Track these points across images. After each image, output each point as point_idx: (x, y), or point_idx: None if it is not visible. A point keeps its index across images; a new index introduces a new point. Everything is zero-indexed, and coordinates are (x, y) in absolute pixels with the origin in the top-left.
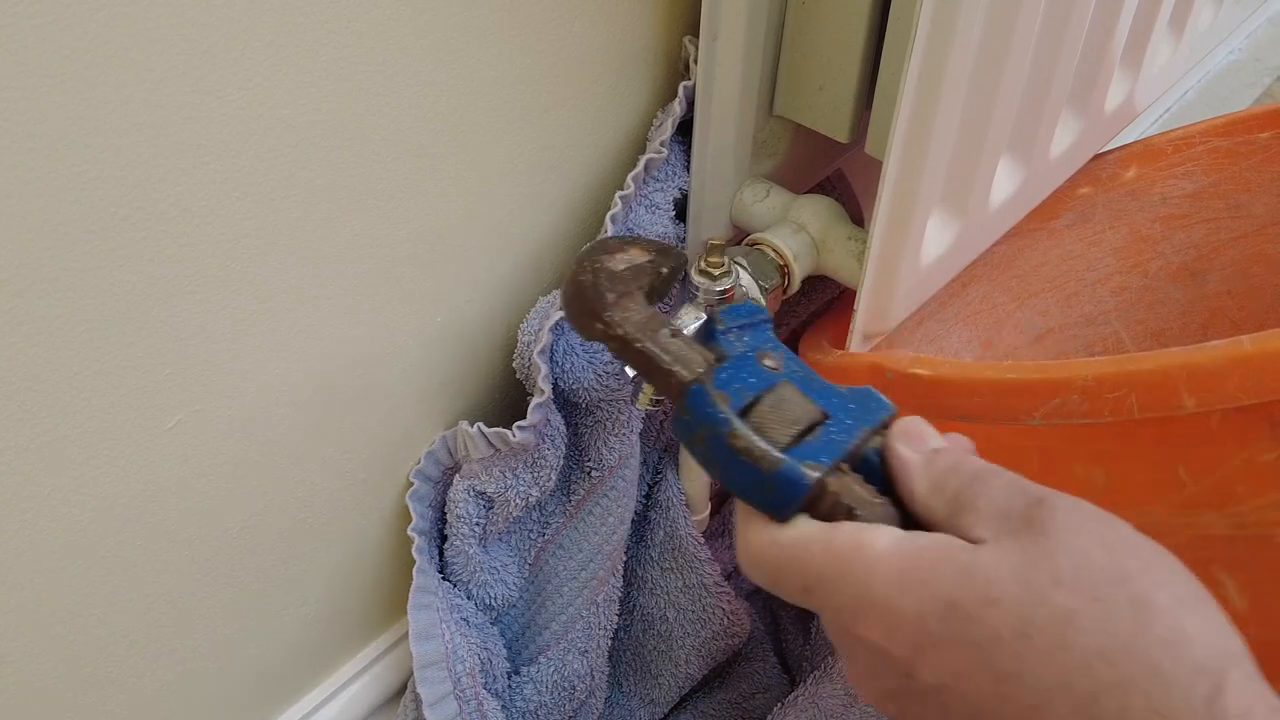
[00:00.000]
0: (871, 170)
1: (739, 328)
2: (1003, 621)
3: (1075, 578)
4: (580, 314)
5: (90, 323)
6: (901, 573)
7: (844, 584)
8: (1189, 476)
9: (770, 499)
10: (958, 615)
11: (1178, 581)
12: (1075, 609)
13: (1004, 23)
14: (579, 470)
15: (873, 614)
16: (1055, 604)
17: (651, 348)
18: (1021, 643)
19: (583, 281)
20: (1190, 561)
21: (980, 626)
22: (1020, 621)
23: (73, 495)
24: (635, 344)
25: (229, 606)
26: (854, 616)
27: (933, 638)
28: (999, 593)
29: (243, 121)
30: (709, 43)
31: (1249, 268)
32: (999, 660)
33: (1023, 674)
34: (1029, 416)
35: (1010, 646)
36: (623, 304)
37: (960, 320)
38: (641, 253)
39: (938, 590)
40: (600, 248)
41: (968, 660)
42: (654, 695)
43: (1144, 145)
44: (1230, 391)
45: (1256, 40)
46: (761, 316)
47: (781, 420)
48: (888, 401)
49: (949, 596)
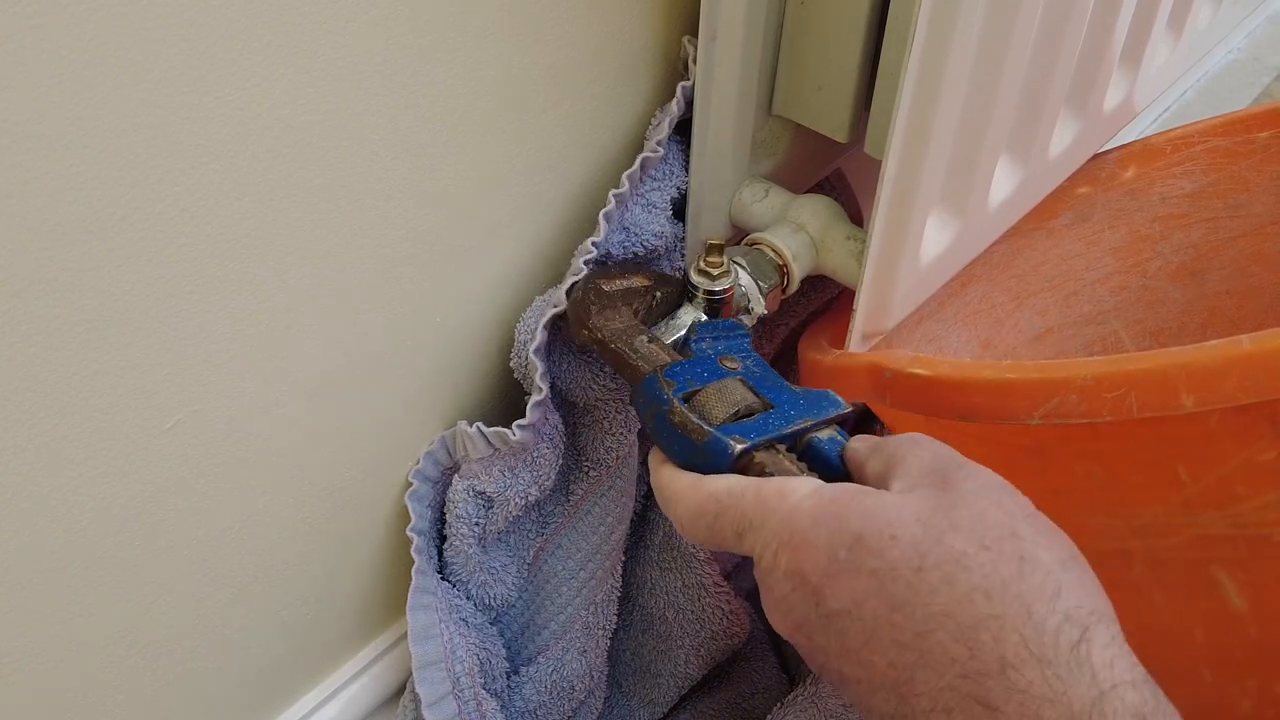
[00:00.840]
0: (870, 170)
1: (713, 338)
2: (900, 555)
3: (970, 527)
4: (573, 323)
5: (89, 323)
6: (818, 509)
7: (770, 522)
8: (1188, 476)
9: (702, 466)
10: (862, 547)
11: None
12: (965, 551)
13: (1003, 22)
14: (578, 470)
15: (791, 544)
16: (948, 545)
17: (623, 348)
18: (915, 575)
19: (576, 298)
20: (1190, 561)
21: (880, 558)
22: (916, 556)
23: (71, 495)
24: (610, 345)
25: (228, 606)
26: (777, 550)
27: (839, 565)
28: (900, 531)
29: (241, 122)
30: (708, 42)
31: (1248, 267)
32: (894, 589)
33: (913, 602)
34: (1028, 416)
35: (904, 577)
36: (605, 314)
37: (959, 320)
38: (641, 280)
39: (847, 525)
40: (600, 274)
41: (867, 588)
42: (653, 695)
43: (1142, 145)
44: (1229, 391)
45: (1255, 39)
46: (739, 331)
47: (720, 404)
48: (843, 402)
49: (857, 530)
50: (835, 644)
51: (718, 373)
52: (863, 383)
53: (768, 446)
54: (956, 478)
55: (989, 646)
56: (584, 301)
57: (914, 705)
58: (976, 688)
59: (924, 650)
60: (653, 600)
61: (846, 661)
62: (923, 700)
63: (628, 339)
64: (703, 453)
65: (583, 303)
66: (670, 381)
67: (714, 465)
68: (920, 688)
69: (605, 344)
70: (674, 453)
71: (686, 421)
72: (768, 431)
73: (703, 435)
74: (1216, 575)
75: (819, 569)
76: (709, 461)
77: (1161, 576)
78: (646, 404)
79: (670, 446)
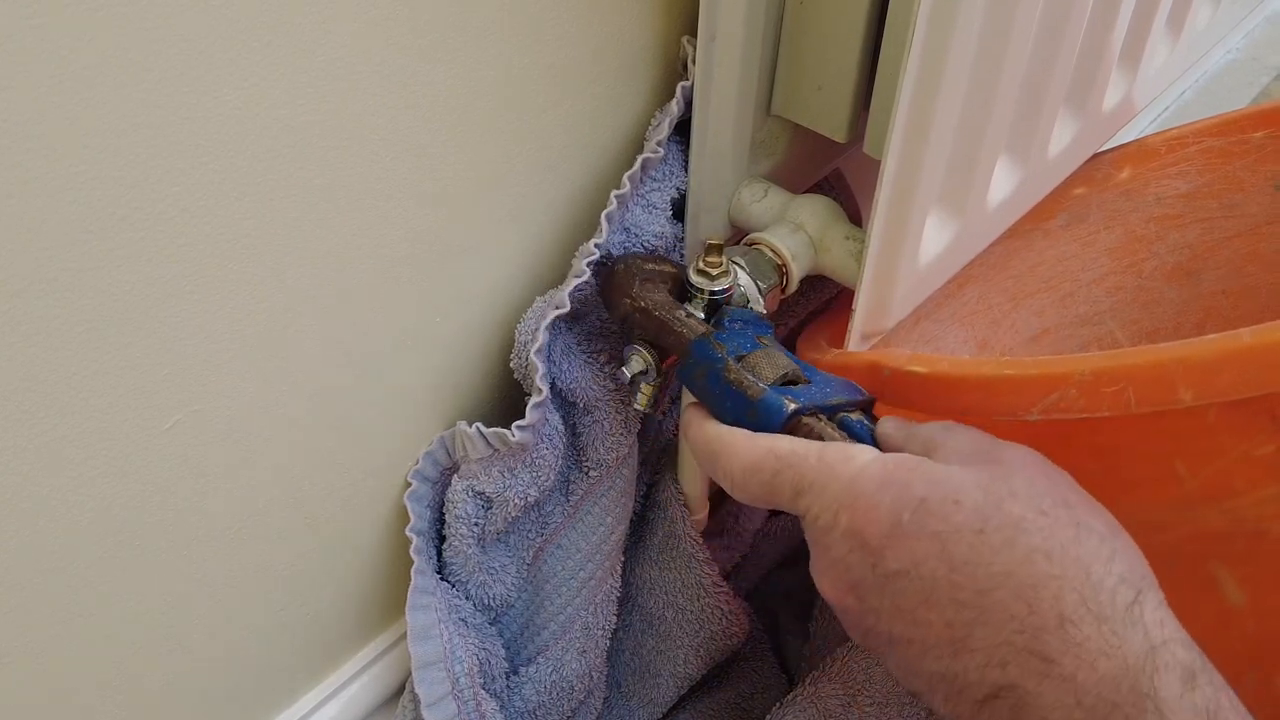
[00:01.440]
0: (869, 170)
1: (743, 321)
2: (964, 519)
3: (1027, 495)
4: (612, 292)
5: (89, 323)
6: (884, 475)
7: (833, 484)
8: (1186, 470)
9: (756, 422)
10: (926, 510)
11: (1107, 518)
12: (1025, 516)
13: (1002, 21)
14: (577, 470)
15: (856, 506)
16: (1008, 510)
17: (667, 316)
18: (977, 537)
19: (618, 269)
20: (1188, 556)
21: (943, 521)
22: (978, 519)
23: (71, 495)
24: (654, 313)
25: (227, 607)
26: (838, 510)
27: (902, 528)
28: (963, 496)
29: (240, 122)
30: (707, 42)
31: (1243, 267)
32: (956, 550)
33: (975, 563)
34: (1026, 412)
35: (967, 539)
36: (646, 286)
37: (957, 320)
38: (670, 267)
39: (912, 490)
40: (636, 255)
41: (929, 549)
42: (653, 695)
43: (1138, 145)
44: (1227, 385)
45: (1254, 39)
46: (765, 323)
47: (770, 367)
48: (865, 391)
49: (921, 494)
50: (889, 604)
51: (757, 345)
52: (861, 382)
53: (813, 413)
54: (1002, 454)
55: (1048, 604)
56: (629, 272)
57: (966, 661)
58: (1033, 641)
59: (984, 608)
60: (652, 600)
61: (899, 621)
62: (978, 656)
63: (670, 310)
64: (757, 409)
65: (627, 273)
66: (721, 344)
67: (766, 423)
68: (976, 644)
69: (649, 312)
70: (725, 409)
71: (742, 378)
72: (812, 399)
73: (758, 392)
74: (1215, 570)
75: (881, 531)
76: (761, 418)
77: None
78: (698, 363)
79: (722, 403)
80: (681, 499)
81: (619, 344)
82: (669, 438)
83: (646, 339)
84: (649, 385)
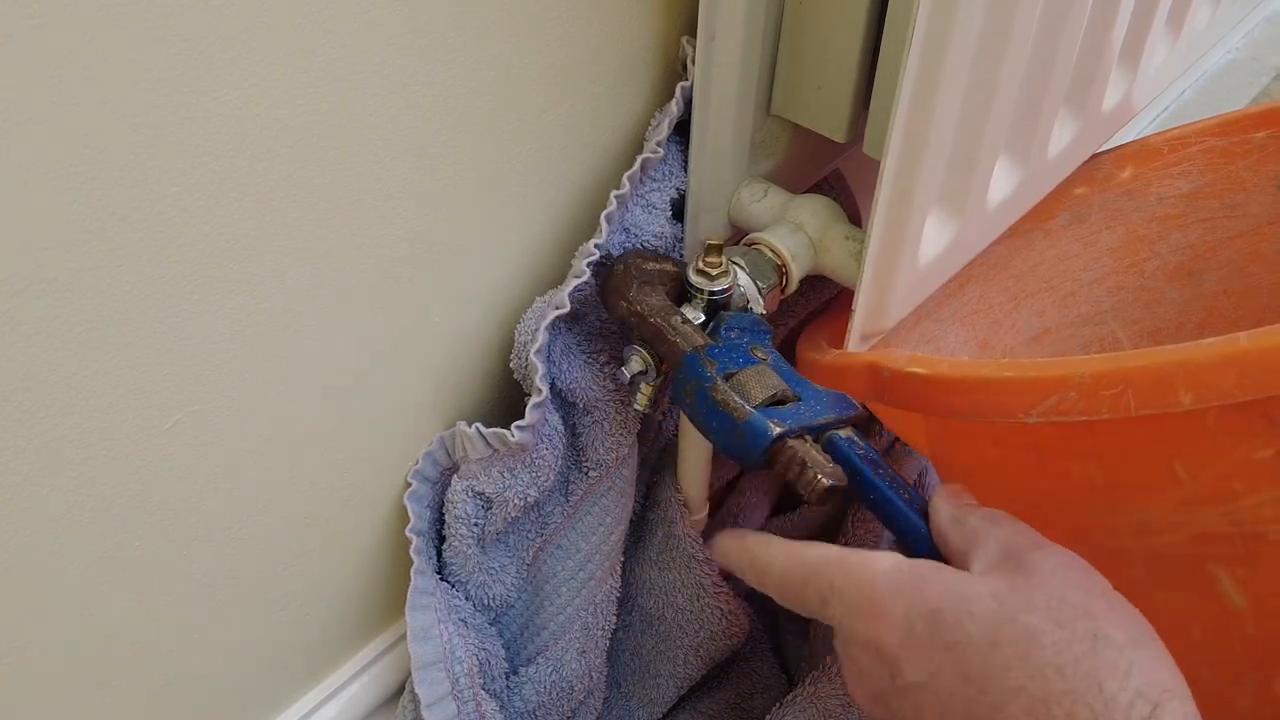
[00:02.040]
0: (869, 170)
1: (740, 329)
2: (977, 630)
3: (1046, 606)
4: (611, 294)
5: (88, 323)
6: (899, 582)
7: (851, 590)
8: (1186, 473)
9: (740, 444)
10: (940, 621)
11: (1135, 625)
12: (1040, 629)
13: (1002, 21)
14: (577, 470)
15: (871, 613)
16: (1023, 623)
17: (662, 323)
18: (990, 649)
19: (617, 270)
20: (1187, 558)
21: (957, 632)
22: (991, 632)
23: (71, 495)
24: (650, 319)
25: (228, 606)
26: (855, 617)
27: (916, 638)
28: (977, 607)
29: (240, 122)
30: (706, 42)
31: (1245, 267)
32: (969, 662)
33: (988, 676)
34: (1025, 414)
35: (980, 652)
36: (644, 289)
37: (957, 320)
38: (672, 266)
39: (926, 598)
40: (637, 253)
41: (943, 661)
42: (653, 695)
43: (1140, 145)
44: (1227, 388)
45: (1254, 39)
46: (763, 327)
47: (759, 387)
48: (857, 404)
49: (935, 604)
50: (911, 715)
51: (751, 361)
52: (861, 382)
53: (799, 435)
54: (1034, 558)
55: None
56: (626, 274)
57: None
58: None
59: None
60: (652, 600)
61: None
62: None
63: (665, 316)
64: (741, 431)
65: (625, 275)
66: (712, 361)
67: (751, 444)
68: None
69: (644, 317)
70: (711, 429)
71: (729, 399)
72: (799, 420)
73: (743, 414)
74: (1214, 573)
75: (895, 640)
76: (747, 440)
77: (1159, 574)
78: (687, 379)
79: (709, 423)
80: (681, 499)
81: (619, 344)
82: (669, 438)
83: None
84: (649, 385)
